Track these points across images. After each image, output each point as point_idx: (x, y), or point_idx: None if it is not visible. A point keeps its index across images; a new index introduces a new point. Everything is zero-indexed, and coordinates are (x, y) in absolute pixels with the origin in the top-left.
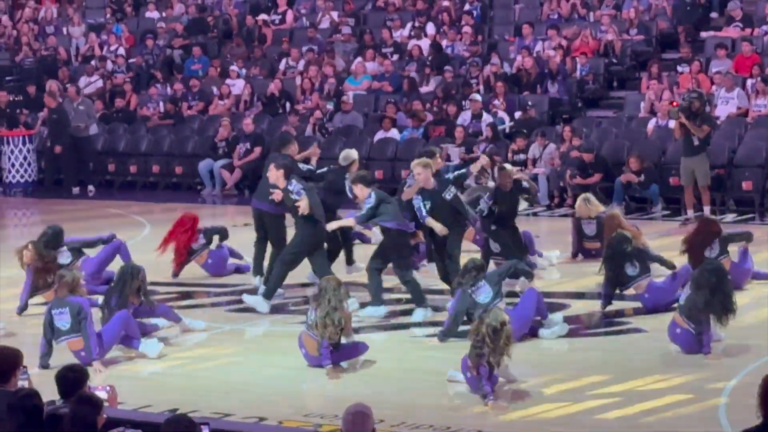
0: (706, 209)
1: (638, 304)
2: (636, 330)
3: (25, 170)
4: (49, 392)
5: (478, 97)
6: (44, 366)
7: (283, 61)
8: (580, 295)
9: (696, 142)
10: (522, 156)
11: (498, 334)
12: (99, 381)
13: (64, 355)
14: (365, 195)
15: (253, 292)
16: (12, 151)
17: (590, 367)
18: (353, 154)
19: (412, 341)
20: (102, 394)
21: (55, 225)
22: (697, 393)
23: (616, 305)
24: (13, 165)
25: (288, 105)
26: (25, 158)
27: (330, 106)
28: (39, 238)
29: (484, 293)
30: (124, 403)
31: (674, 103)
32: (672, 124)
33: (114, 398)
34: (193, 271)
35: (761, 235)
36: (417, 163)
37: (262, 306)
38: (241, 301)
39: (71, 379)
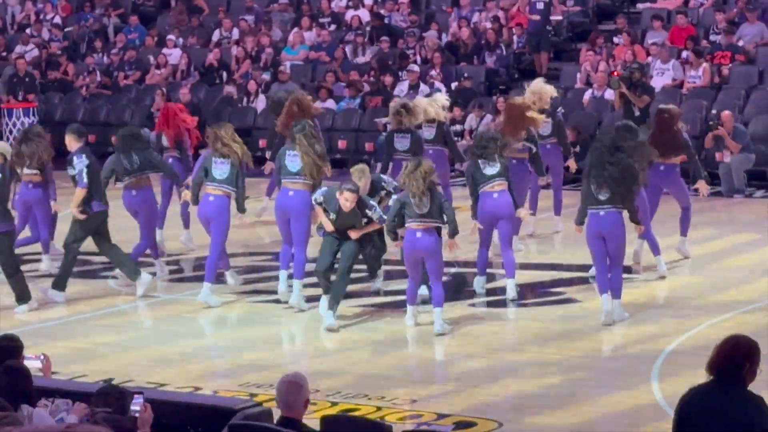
0: None
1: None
2: (569, 300)
3: None
4: None
5: (416, 67)
6: None
7: (217, 31)
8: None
9: (636, 113)
10: (459, 126)
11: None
12: (33, 350)
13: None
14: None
15: None
16: (14, 124)
17: (526, 338)
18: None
19: (346, 311)
20: (36, 363)
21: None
22: (628, 360)
23: (551, 275)
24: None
25: (225, 75)
26: None
27: (266, 76)
28: None
29: None
30: (58, 373)
31: (615, 73)
32: (611, 94)
33: (48, 368)
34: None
35: (696, 207)
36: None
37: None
38: (178, 271)
39: (5, 349)
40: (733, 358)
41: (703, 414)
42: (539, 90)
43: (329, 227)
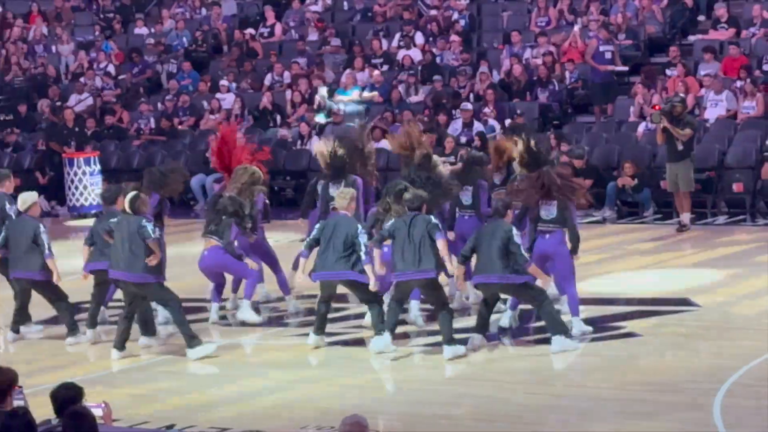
0: (685, 217)
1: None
2: (630, 334)
3: (90, 193)
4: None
5: (469, 105)
6: None
7: (269, 74)
8: None
9: (680, 147)
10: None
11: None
12: (94, 398)
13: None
14: None
15: None
16: (75, 173)
17: (587, 373)
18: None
19: (406, 352)
20: (97, 411)
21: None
22: (690, 393)
23: (610, 310)
24: (77, 188)
25: (279, 118)
26: (89, 181)
27: (320, 118)
28: None
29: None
30: (120, 420)
31: (656, 107)
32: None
33: (109, 415)
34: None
35: (754, 237)
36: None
37: None
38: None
39: (65, 397)
40: None
41: None
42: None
43: None
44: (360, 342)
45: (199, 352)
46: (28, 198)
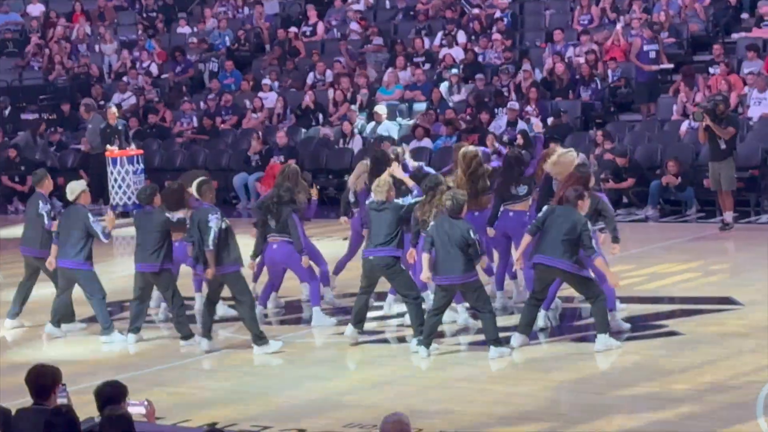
0: (728, 215)
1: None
2: (673, 333)
3: (133, 192)
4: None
5: (516, 105)
6: None
7: (311, 73)
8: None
9: (722, 146)
10: None
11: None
12: (137, 396)
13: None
14: None
15: None
16: (118, 172)
17: (629, 371)
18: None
19: (448, 350)
20: (140, 409)
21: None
22: (732, 392)
23: (652, 308)
24: (120, 186)
25: (321, 117)
26: (132, 180)
27: (362, 117)
28: None
29: None
30: (163, 419)
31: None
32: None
33: (152, 413)
34: None
35: None
36: None
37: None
38: (279, 314)
39: (109, 395)
40: None
41: None
42: None
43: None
44: (402, 340)
45: (265, 349)
46: (76, 187)
